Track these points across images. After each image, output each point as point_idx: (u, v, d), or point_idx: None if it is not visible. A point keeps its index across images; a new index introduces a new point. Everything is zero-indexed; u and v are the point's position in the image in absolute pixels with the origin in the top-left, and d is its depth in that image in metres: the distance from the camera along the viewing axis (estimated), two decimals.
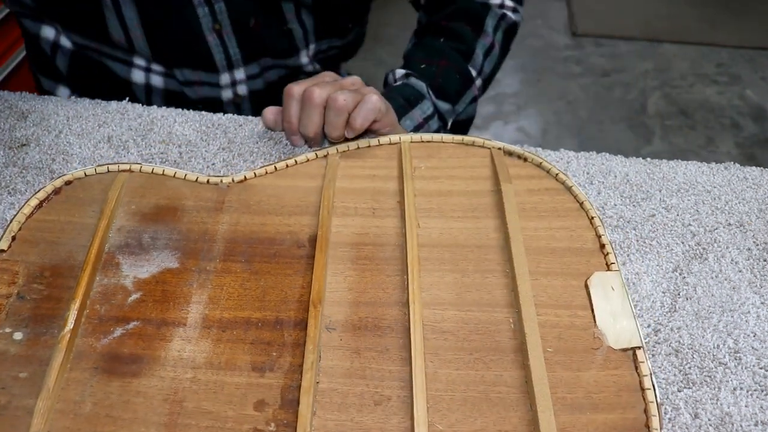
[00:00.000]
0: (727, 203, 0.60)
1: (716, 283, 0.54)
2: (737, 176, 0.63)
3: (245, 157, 0.64)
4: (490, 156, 0.63)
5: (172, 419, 0.45)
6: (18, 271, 0.53)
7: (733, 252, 0.56)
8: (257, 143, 0.66)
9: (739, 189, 0.61)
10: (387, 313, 0.51)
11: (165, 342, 0.49)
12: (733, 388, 0.47)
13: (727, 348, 0.49)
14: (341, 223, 0.57)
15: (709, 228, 0.58)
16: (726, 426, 0.45)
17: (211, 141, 0.66)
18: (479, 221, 0.57)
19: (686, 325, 0.51)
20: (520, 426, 0.44)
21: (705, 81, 2.14)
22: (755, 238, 0.57)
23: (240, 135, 0.67)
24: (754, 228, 0.58)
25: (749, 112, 2.02)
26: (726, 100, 2.07)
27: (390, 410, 0.45)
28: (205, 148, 0.65)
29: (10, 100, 0.73)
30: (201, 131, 0.67)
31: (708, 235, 0.57)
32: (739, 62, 2.21)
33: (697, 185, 0.62)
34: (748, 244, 0.56)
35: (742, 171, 0.63)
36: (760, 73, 2.16)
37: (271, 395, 0.46)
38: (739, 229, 0.58)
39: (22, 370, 0.47)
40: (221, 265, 0.54)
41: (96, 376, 0.47)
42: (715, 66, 2.20)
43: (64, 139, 0.68)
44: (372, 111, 0.62)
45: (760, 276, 0.54)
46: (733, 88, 2.11)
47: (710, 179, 0.62)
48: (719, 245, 0.56)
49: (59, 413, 0.45)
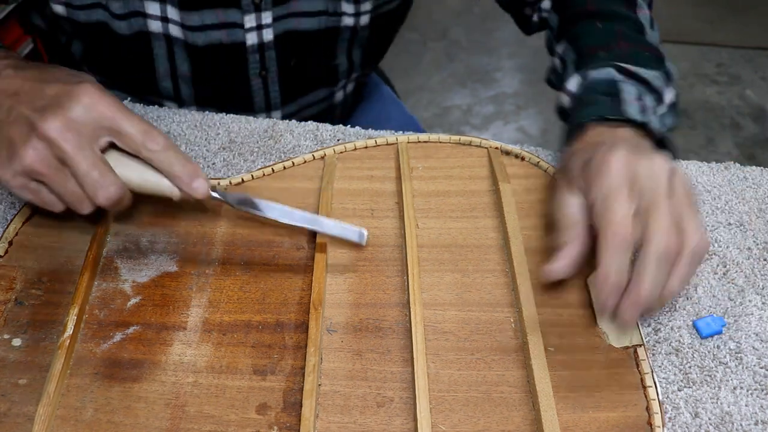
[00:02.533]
0: (727, 203, 0.60)
1: (717, 282, 0.54)
2: (737, 176, 0.63)
3: (245, 156, 0.64)
4: (488, 156, 0.63)
5: (174, 424, 0.45)
6: (15, 277, 0.53)
7: (734, 252, 0.56)
8: (258, 142, 0.65)
9: (739, 189, 0.62)
10: (388, 314, 0.51)
11: (165, 346, 0.49)
12: (734, 388, 0.47)
13: (728, 348, 0.49)
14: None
15: (710, 227, 0.58)
16: (726, 425, 0.45)
17: (212, 140, 0.66)
18: (478, 221, 0.57)
19: (686, 324, 0.51)
20: (522, 425, 0.44)
21: (705, 81, 2.14)
22: (755, 238, 0.57)
23: (240, 134, 0.66)
24: (754, 228, 0.58)
25: (749, 112, 2.02)
26: (726, 100, 2.07)
27: (393, 411, 0.45)
28: (206, 148, 0.65)
29: None
30: (201, 131, 0.67)
31: (708, 235, 0.57)
32: (739, 62, 2.21)
33: (697, 185, 0.62)
34: (748, 243, 0.57)
35: (742, 171, 0.63)
36: (760, 73, 2.16)
37: (273, 398, 0.46)
38: (739, 228, 0.58)
39: (22, 376, 0.47)
40: (220, 269, 0.54)
41: (96, 381, 0.47)
42: (715, 66, 2.21)
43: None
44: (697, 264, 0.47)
45: (761, 276, 0.54)
46: (733, 88, 2.11)
47: (710, 179, 0.63)
48: (719, 245, 0.56)
49: (60, 420, 0.45)
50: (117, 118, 0.48)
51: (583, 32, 0.64)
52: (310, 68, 0.76)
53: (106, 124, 0.48)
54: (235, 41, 0.70)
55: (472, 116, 2.05)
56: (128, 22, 0.67)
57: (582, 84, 0.60)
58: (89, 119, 0.48)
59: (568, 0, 0.70)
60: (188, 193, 0.50)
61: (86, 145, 0.48)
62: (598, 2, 0.66)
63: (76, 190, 0.48)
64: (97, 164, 0.48)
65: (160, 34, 0.69)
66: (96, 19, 0.68)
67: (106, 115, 0.48)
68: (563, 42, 0.66)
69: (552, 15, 0.72)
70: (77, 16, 0.67)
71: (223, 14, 0.68)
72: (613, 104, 0.55)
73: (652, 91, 0.58)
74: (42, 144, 0.47)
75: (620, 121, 0.54)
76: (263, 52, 0.72)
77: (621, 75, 0.58)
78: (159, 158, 0.49)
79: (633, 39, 0.62)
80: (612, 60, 0.59)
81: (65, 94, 0.48)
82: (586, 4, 0.67)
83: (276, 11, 0.69)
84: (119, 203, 0.50)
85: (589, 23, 0.65)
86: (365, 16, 0.74)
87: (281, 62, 0.74)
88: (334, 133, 0.67)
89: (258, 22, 0.69)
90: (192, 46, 0.69)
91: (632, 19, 0.64)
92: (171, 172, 0.50)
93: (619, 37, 0.61)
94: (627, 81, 0.57)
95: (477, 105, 2.08)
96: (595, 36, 0.63)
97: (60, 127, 0.47)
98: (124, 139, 0.49)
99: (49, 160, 0.47)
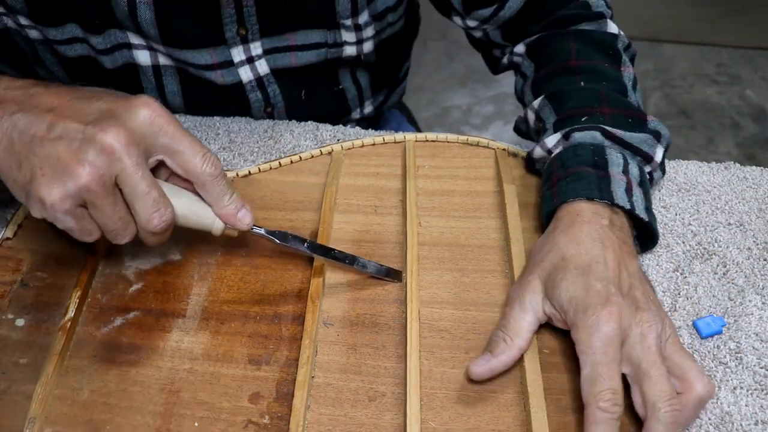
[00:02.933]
0: (727, 203, 0.60)
1: (717, 282, 0.53)
2: (737, 176, 0.62)
3: (246, 156, 0.64)
4: (495, 157, 0.63)
5: (168, 409, 0.45)
6: (23, 259, 0.54)
7: (734, 252, 0.55)
8: (258, 143, 0.66)
9: (739, 189, 0.61)
10: (385, 310, 0.51)
11: (164, 333, 0.50)
12: (733, 388, 0.47)
13: (728, 348, 0.49)
14: (343, 219, 0.57)
15: (710, 228, 0.57)
16: (726, 425, 0.45)
17: (212, 141, 0.66)
18: (481, 221, 0.57)
19: (686, 324, 0.51)
20: (513, 425, 0.44)
21: (705, 81, 2.12)
22: (755, 238, 0.57)
23: (240, 134, 0.67)
24: (754, 228, 0.57)
25: (749, 112, 2.00)
26: (726, 100, 2.05)
27: (384, 406, 0.45)
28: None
29: None
30: (201, 131, 0.67)
31: (708, 235, 0.57)
32: (739, 62, 2.19)
33: (698, 185, 0.61)
34: (748, 243, 0.56)
35: (742, 171, 0.63)
36: (760, 73, 2.14)
37: (266, 388, 0.46)
38: (739, 228, 0.57)
39: (23, 356, 0.48)
40: (222, 259, 0.54)
41: (95, 364, 0.48)
42: (715, 66, 2.18)
43: None
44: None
45: (761, 276, 0.54)
46: (733, 88, 2.09)
47: (710, 179, 0.62)
48: (719, 245, 0.56)
49: (57, 399, 0.46)
50: (178, 135, 0.44)
51: (564, 92, 0.60)
52: (317, 101, 0.73)
53: (165, 140, 0.44)
54: (233, 81, 0.68)
55: (472, 116, 2.04)
56: (112, 56, 0.65)
57: (563, 144, 0.56)
58: (150, 132, 0.43)
59: (549, 48, 0.65)
60: (234, 224, 0.47)
61: (145, 163, 0.44)
62: (582, 55, 0.62)
63: (124, 215, 0.44)
64: (155, 184, 0.44)
65: (149, 66, 0.67)
66: (79, 54, 0.66)
67: (167, 130, 0.44)
68: (542, 98, 0.61)
69: (526, 61, 0.67)
70: (63, 51, 0.66)
71: (215, 53, 0.66)
72: (600, 183, 0.51)
73: (638, 153, 0.55)
74: (102, 158, 0.42)
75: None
76: (264, 88, 0.70)
77: (608, 140, 0.55)
78: (212, 185, 0.45)
79: (616, 102, 0.57)
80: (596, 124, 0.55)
81: (121, 105, 0.44)
82: (570, 58, 0.62)
83: (266, 42, 0.67)
84: (167, 232, 0.46)
85: (571, 80, 0.60)
86: (368, 42, 0.72)
87: (287, 97, 0.72)
88: (334, 134, 0.67)
89: (248, 54, 0.67)
90: (184, 77, 0.68)
91: (616, 79, 0.60)
92: (221, 202, 0.46)
93: (603, 100, 0.57)
94: (613, 146, 0.55)
95: (477, 105, 2.08)
96: (578, 98, 0.58)
97: (124, 139, 0.42)
98: (182, 158, 0.44)
99: (107, 179, 0.42)
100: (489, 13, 0.67)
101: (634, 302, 0.45)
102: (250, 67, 0.68)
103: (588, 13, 0.65)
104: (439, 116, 2.04)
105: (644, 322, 0.44)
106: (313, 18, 0.67)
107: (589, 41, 0.63)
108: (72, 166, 0.41)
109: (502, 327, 0.47)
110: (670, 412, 0.41)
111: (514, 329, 0.46)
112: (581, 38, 0.63)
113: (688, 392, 0.43)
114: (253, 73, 0.69)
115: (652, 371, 0.42)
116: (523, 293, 0.47)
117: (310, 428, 0.44)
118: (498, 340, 0.46)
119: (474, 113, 2.05)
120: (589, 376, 0.42)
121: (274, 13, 0.65)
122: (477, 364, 0.45)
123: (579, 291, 0.45)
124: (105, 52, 0.65)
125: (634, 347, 0.43)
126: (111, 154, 0.42)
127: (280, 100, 0.72)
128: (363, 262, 0.52)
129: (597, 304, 0.44)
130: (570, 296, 0.45)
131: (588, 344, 0.43)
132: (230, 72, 0.68)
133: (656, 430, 0.41)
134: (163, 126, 0.44)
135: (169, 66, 0.68)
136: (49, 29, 0.63)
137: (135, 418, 0.45)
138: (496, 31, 0.70)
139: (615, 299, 0.44)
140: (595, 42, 0.63)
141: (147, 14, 0.61)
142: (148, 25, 0.62)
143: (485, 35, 0.71)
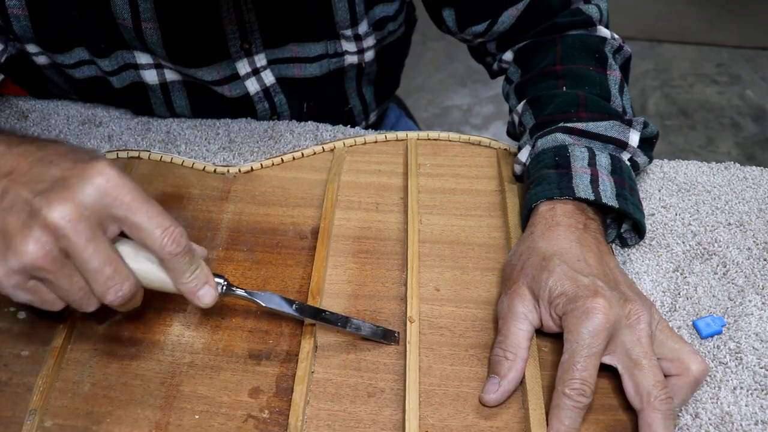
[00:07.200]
0: (727, 203, 0.60)
1: (717, 282, 0.54)
2: (737, 176, 0.63)
3: (245, 156, 0.65)
4: (496, 156, 0.63)
5: (168, 402, 0.45)
6: None
7: (734, 252, 0.56)
8: (258, 143, 0.66)
9: (739, 189, 0.61)
10: (385, 306, 0.51)
11: (165, 326, 0.50)
12: (733, 388, 0.47)
13: (728, 348, 0.49)
14: (344, 216, 0.58)
15: (710, 228, 0.58)
16: (726, 425, 0.45)
17: (212, 140, 0.67)
18: (482, 220, 0.57)
19: (686, 324, 0.51)
20: (511, 423, 0.44)
21: (705, 81, 2.12)
22: (755, 238, 0.57)
23: (240, 135, 0.67)
24: (754, 228, 0.58)
25: (749, 112, 2.00)
26: (726, 100, 2.05)
27: (383, 402, 0.45)
28: (206, 148, 0.66)
29: (11, 99, 0.74)
30: (201, 131, 0.68)
31: (708, 235, 0.57)
32: (739, 62, 2.19)
33: (697, 185, 0.62)
34: (748, 243, 0.56)
35: (742, 171, 0.63)
36: (760, 73, 2.14)
37: (266, 383, 0.47)
38: (739, 228, 0.58)
39: (25, 348, 0.48)
40: (224, 253, 0.55)
41: (96, 357, 0.48)
42: (715, 66, 2.18)
43: (64, 138, 0.68)
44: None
45: (761, 276, 0.54)
46: (733, 88, 2.09)
47: (710, 179, 0.62)
48: (719, 245, 0.56)
49: (58, 392, 0.46)
50: (134, 209, 0.40)
51: (544, 96, 0.60)
52: (324, 117, 0.73)
53: (120, 213, 0.40)
54: (240, 94, 0.70)
55: (472, 116, 2.04)
56: (120, 76, 0.68)
57: (530, 154, 0.57)
58: (102, 205, 0.40)
59: (535, 54, 0.65)
60: (193, 302, 0.44)
61: (98, 236, 0.40)
62: (567, 60, 0.62)
63: (83, 287, 0.41)
64: (110, 259, 0.40)
65: (156, 85, 0.69)
66: (87, 75, 0.68)
67: (123, 201, 0.40)
68: (523, 102, 0.62)
69: (513, 68, 0.69)
70: (72, 73, 0.68)
71: (221, 69, 0.68)
72: (561, 181, 0.52)
73: (608, 141, 0.55)
74: (47, 236, 0.38)
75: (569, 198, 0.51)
76: (270, 98, 0.72)
77: (570, 137, 0.55)
78: (171, 262, 0.42)
79: (594, 107, 0.57)
80: None
81: (75, 173, 0.40)
82: (555, 62, 0.62)
83: (270, 54, 0.69)
84: (131, 302, 0.43)
85: (553, 85, 0.61)
86: (370, 51, 0.73)
87: (293, 107, 0.73)
88: (334, 133, 0.67)
89: (252, 66, 0.69)
90: (192, 91, 0.70)
91: (600, 83, 0.60)
92: (181, 279, 0.43)
93: (581, 104, 0.57)
94: (577, 143, 0.55)
95: (477, 105, 2.08)
96: (556, 103, 0.59)
97: (70, 215, 0.38)
98: (138, 233, 0.41)
99: (55, 254, 0.39)
100: (482, 29, 0.68)
101: (622, 294, 0.46)
102: (256, 79, 0.70)
103: (578, 19, 0.66)
104: (439, 116, 2.04)
105: (633, 313, 0.45)
106: (313, 29, 0.68)
107: (575, 46, 0.63)
108: (16, 241, 0.38)
109: (500, 344, 0.47)
110: (665, 399, 0.42)
111: (513, 343, 0.46)
112: (567, 43, 0.64)
113: (683, 374, 0.44)
114: (259, 84, 0.70)
115: (643, 361, 0.43)
116: (512, 304, 0.47)
117: (309, 423, 0.44)
118: (500, 359, 0.46)
119: (474, 113, 2.05)
120: (566, 363, 0.43)
121: (274, 26, 0.67)
122: (488, 392, 0.45)
123: (567, 285, 0.45)
124: (112, 73, 0.67)
125: (624, 338, 0.44)
126: (56, 231, 0.38)
127: (286, 109, 0.73)
128: (356, 324, 0.48)
129: (587, 295, 0.44)
130: (559, 291, 0.46)
131: (575, 332, 0.43)
132: (237, 85, 0.69)
133: (653, 417, 0.42)
134: (118, 197, 0.40)
135: (176, 81, 0.69)
136: (57, 55, 0.66)
137: (135, 411, 0.45)
138: (491, 43, 0.71)
139: (603, 292, 0.44)
140: (581, 46, 0.63)
141: (154, 37, 0.63)
142: (155, 46, 0.64)
143: (482, 45, 0.72)
